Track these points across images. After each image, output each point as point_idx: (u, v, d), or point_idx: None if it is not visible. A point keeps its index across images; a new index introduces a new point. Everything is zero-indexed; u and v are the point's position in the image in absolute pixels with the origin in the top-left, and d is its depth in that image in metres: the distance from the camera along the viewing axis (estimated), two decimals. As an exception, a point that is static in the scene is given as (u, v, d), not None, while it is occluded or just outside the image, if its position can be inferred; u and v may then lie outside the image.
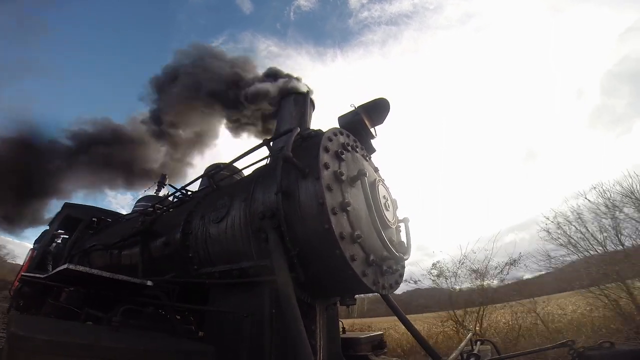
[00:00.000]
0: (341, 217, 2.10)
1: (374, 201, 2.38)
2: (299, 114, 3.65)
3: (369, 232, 2.29)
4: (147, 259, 3.60)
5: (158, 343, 1.81)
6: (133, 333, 1.88)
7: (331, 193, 2.11)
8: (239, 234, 2.51)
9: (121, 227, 5.21)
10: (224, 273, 2.54)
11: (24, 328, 1.42)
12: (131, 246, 4.00)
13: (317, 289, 2.34)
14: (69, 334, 1.50)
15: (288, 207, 2.20)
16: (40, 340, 1.33)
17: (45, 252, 7.04)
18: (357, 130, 3.03)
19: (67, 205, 7.56)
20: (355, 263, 2.04)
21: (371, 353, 3.30)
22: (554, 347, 2.78)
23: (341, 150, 2.43)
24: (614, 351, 2.29)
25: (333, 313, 2.80)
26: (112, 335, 1.70)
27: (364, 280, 2.07)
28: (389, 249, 2.23)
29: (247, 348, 2.08)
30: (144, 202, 6.77)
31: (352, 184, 2.37)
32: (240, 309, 2.24)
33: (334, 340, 2.71)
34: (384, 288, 2.40)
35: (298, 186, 2.22)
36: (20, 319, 2.06)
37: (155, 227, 3.71)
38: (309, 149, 2.42)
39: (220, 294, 2.54)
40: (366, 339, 3.33)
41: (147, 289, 2.73)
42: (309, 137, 2.78)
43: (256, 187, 2.57)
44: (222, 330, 2.32)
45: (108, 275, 2.56)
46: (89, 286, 2.94)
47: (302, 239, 2.12)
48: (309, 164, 2.22)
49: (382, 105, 3.17)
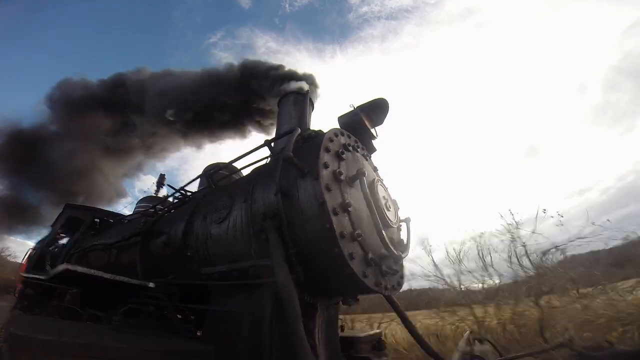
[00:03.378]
0: (342, 217, 2.10)
1: (374, 200, 2.38)
2: (298, 114, 3.65)
3: (370, 232, 2.29)
4: (147, 259, 3.61)
5: (158, 343, 1.81)
6: (133, 333, 1.89)
7: (330, 193, 2.11)
8: (240, 235, 2.51)
9: (123, 227, 5.21)
10: (224, 273, 2.55)
11: (24, 328, 1.42)
12: (131, 246, 4.00)
13: (317, 289, 2.34)
14: (69, 334, 1.51)
15: (288, 208, 2.20)
16: (40, 340, 1.33)
17: (44, 252, 7.05)
18: (356, 131, 3.02)
19: (68, 206, 7.56)
20: (354, 262, 2.03)
21: (372, 354, 3.31)
22: (554, 347, 2.79)
23: (342, 151, 2.43)
24: (614, 351, 2.29)
25: (333, 313, 2.80)
26: (113, 335, 1.70)
27: (365, 281, 2.06)
28: (387, 247, 2.23)
29: (247, 348, 2.08)
30: (145, 203, 6.80)
31: (350, 183, 2.38)
32: (240, 309, 2.24)
33: (334, 340, 2.71)
34: (387, 289, 2.39)
35: (297, 186, 2.22)
36: (20, 319, 2.06)
37: (156, 228, 3.71)
38: (310, 149, 2.42)
39: (221, 294, 2.54)
40: (365, 338, 3.33)
41: (149, 291, 2.73)
42: (310, 138, 2.78)
43: (255, 188, 2.57)
44: (222, 330, 2.32)
45: (108, 276, 2.57)
46: (89, 286, 2.94)
47: (303, 239, 2.12)
48: (309, 164, 2.23)
49: (381, 106, 3.16)
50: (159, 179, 8.42)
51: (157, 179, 8.43)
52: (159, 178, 8.46)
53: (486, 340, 3.51)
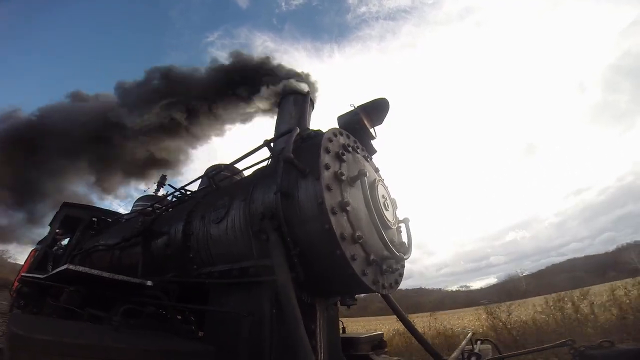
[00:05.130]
0: (341, 217, 2.10)
1: (373, 201, 2.38)
2: (298, 114, 3.65)
3: (370, 233, 2.29)
4: (147, 259, 3.61)
5: (158, 343, 1.82)
6: (133, 333, 1.89)
7: (330, 193, 2.10)
8: (240, 235, 2.51)
9: (122, 227, 5.22)
10: (224, 273, 2.55)
11: (25, 328, 1.42)
12: (132, 246, 4.01)
13: (317, 289, 2.34)
14: (70, 334, 1.51)
15: (288, 208, 2.20)
16: (41, 340, 1.33)
17: (46, 253, 7.06)
18: (356, 131, 3.02)
19: (65, 205, 7.55)
20: (356, 263, 2.03)
21: (372, 352, 3.31)
22: (554, 346, 2.78)
23: (342, 152, 2.43)
24: (614, 350, 2.29)
25: (334, 313, 2.80)
26: (113, 335, 1.70)
27: (363, 279, 2.06)
28: (389, 249, 2.23)
29: (246, 348, 2.09)
30: (142, 201, 6.80)
31: (351, 184, 2.37)
32: (240, 309, 2.24)
33: (334, 340, 2.71)
34: (384, 288, 2.39)
35: (298, 186, 2.22)
36: (21, 319, 2.06)
37: (155, 227, 3.71)
38: (310, 149, 2.42)
39: (220, 294, 2.54)
40: (366, 338, 3.33)
41: (147, 289, 2.73)
42: (309, 138, 2.78)
43: (255, 188, 2.57)
44: (222, 330, 2.32)
45: (107, 275, 2.57)
46: (89, 286, 2.95)
47: (302, 239, 2.12)
48: (309, 165, 2.22)
49: (381, 105, 3.16)
50: (160, 179, 8.45)
51: (158, 179, 8.45)
52: (160, 178, 8.49)
53: (487, 340, 3.53)
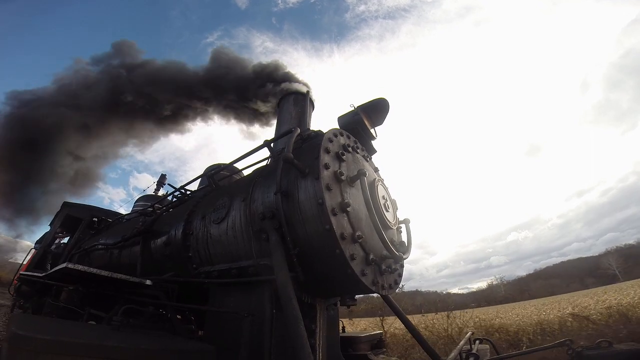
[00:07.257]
0: (341, 218, 2.10)
1: (373, 201, 2.38)
2: (298, 114, 3.65)
3: (370, 233, 2.30)
4: (147, 259, 3.61)
5: (158, 343, 1.81)
6: (134, 333, 1.89)
7: (330, 193, 2.11)
8: (240, 235, 2.51)
9: (122, 227, 5.22)
10: (223, 272, 2.55)
11: (25, 328, 1.42)
12: (131, 246, 4.01)
13: (317, 289, 2.35)
14: (70, 334, 1.51)
15: (288, 208, 2.20)
16: (41, 339, 1.33)
17: (45, 252, 7.07)
18: (356, 131, 3.02)
19: (66, 205, 7.56)
20: (355, 262, 2.04)
21: (370, 352, 3.32)
22: (552, 346, 2.79)
23: (342, 152, 2.43)
24: (612, 351, 2.30)
25: (333, 313, 2.81)
26: (113, 334, 1.70)
27: (362, 279, 2.07)
28: (389, 248, 2.24)
29: (246, 348, 2.09)
30: (143, 202, 6.81)
31: (351, 184, 2.38)
32: (240, 308, 2.24)
33: (334, 340, 2.72)
34: (384, 288, 2.40)
35: (297, 186, 2.22)
36: (21, 319, 2.06)
37: (156, 227, 3.71)
38: (310, 150, 2.42)
39: (220, 294, 2.54)
40: (366, 337, 3.35)
41: (146, 288, 2.73)
42: (309, 138, 2.78)
43: (255, 187, 2.57)
44: (222, 330, 2.32)
45: (106, 273, 2.57)
46: (88, 285, 2.95)
47: (302, 239, 2.13)
48: (309, 165, 2.23)
49: (381, 106, 3.16)
50: (160, 179, 8.48)
51: (158, 179, 8.48)
52: (160, 178, 8.52)
53: (486, 340, 3.54)
